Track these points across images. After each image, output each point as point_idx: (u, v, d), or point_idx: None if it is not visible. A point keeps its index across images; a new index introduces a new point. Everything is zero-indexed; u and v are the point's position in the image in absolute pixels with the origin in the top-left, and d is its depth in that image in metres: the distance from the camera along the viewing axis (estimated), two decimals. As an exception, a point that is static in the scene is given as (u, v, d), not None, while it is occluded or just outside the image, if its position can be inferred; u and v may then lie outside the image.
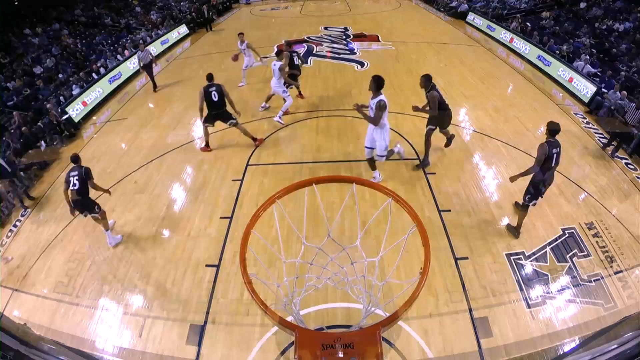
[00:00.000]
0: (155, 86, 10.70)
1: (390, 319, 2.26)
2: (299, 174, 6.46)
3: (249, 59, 9.85)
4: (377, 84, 5.19)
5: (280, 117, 7.94)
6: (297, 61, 8.49)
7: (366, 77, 10.46)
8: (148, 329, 4.26)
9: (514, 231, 5.13)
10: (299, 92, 9.09)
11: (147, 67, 10.46)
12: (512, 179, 4.79)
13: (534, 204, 4.88)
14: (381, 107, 5.16)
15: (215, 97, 6.64)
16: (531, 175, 4.69)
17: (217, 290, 4.59)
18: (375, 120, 5.31)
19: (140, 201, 6.20)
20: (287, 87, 7.98)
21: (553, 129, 4.51)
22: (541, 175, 4.61)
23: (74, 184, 4.86)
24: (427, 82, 5.70)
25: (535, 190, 4.74)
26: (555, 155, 4.51)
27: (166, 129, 8.40)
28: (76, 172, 4.90)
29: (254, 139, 7.28)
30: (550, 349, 3.85)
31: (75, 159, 5.01)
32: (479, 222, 5.35)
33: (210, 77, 6.70)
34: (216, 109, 6.78)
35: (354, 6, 20.21)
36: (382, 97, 5.19)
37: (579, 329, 4.03)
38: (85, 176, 4.91)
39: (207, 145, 7.28)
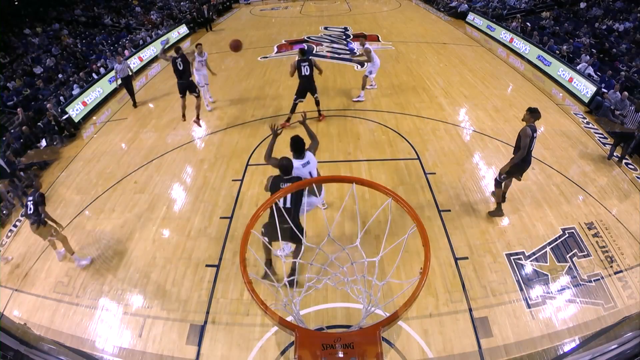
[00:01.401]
0: (135, 103, 9.81)
1: (390, 319, 2.25)
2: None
3: (204, 75, 8.61)
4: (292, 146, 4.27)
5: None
6: (306, 71, 7.19)
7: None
8: (148, 329, 4.26)
9: (498, 212, 5.38)
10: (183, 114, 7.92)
11: (125, 81, 9.49)
12: (503, 170, 5.03)
13: (510, 180, 5.33)
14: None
15: (180, 65, 7.19)
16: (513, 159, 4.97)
17: (217, 290, 4.59)
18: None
19: (140, 201, 6.20)
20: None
21: (537, 114, 4.73)
22: (524, 160, 4.90)
23: (30, 208, 4.84)
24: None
25: (516, 171, 5.07)
26: (535, 138, 4.80)
27: (166, 129, 8.40)
28: (31, 197, 4.85)
29: (198, 118, 7.87)
30: (550, 349, 3.85)
31: (31, 183, 4.94)
32: (479, 222, 5.35)
33: (177, 49, 7.52)
34: (181, 77, 7.40)
35: (354, 6, 20.21)
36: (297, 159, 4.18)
37: (579, 329, 4.03)
38: (38, 201, 4.83)
39: (183, 116, 7.82)
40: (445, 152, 6.84)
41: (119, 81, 9.54)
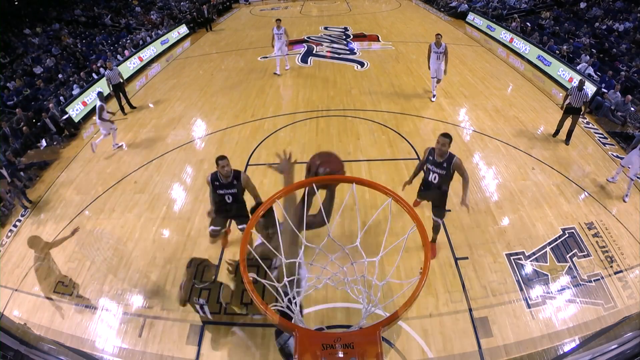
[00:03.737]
0: (124, 110, 9.46)
1: (390, 319, 2.25)
2: (299, 174, 6.45)
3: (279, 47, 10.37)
4: None
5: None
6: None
7: (366, 77, 10.55)
8: (148, 329, 4.26)
9: None
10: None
11: (117, 88, 9.21)
12: None
13: None
14: None
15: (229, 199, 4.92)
16: None
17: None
18: None
19: (140, 201, 6.19)
20: None
21: None
22: None
23: None
24: None
25: None
26: None
27: (166, 129, 8.40)
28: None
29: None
30: (550, 349, 3.85)
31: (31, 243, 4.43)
32: (478, 222, 5.35)
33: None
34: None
35: (354, 6, 20.21)
36: None
37: (579, 329, 4.03)
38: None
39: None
40: (445, 152, 6.83)
41: (111, 87, 9.10)
